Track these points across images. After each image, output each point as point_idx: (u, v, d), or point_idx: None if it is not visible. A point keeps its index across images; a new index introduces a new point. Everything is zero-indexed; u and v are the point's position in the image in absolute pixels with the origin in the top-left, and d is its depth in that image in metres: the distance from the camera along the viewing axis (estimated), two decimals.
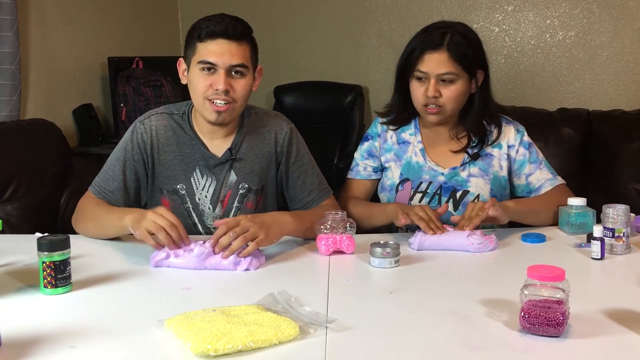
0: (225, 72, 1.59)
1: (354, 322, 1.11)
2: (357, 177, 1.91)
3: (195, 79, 1.62)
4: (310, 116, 3.55)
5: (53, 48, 2.96)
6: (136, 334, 1.08)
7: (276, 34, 3.77)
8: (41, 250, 1.26)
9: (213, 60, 1.58)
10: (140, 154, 1.71)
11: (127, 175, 1.71)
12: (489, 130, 1.83)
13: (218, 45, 1.58)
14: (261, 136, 1.74)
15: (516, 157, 1.83)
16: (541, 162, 1.84)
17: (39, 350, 1.01)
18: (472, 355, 0.98)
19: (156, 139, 1.71)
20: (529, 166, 1.82)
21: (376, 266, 1.42)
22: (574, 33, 3.36)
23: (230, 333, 1.01)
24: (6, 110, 2.59)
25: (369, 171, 1.90)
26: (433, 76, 1.71)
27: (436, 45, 1.70)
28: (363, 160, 1.91)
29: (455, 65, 1.71)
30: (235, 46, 1.59)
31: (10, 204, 2.33)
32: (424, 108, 1.76)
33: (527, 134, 1.87)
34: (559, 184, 1.82)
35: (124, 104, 3.20)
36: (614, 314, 1.12)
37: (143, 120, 1.73)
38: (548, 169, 1.84)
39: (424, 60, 1.71)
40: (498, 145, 1.83)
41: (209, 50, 1.58)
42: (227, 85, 1.59)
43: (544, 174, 1.82)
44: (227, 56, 1.58)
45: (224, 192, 1.72)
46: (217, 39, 1.58)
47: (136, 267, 1.44)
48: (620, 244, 1.48)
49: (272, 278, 1.37)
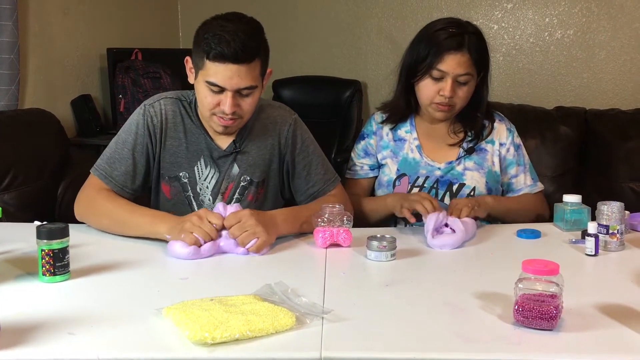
0: (232, 94, 1.54)
1: (350, 313, 1.12)
2: (355, 177, 1.94)
3: (202, 93, 1.58)
4: (309, 110, 3.54)
5: (52, 38, 2.96)
6: (134, 322, 1.09)
7: (275, 27, 3.76)
8: (40, 238, 1.27)
9: (221, 84, 1.53)
10: (150, 136, 1.67)
11: (137, 158, 1.67)
12: (484, 126, 1.85)
13: (227, 70, 1.51)
14: (265, 128, 1.73)
15: (506, 156, 1.87)
16: (526, 165, 1.90)
17: (38, 337, 1.02)
18: (466, 347, 1.00)
19: (165, 123, 1.68)
20: (516, 168, 1.88)
21: (372, 259, 1.43)
22: (573, 32, 3.37)
23: (228, 322, 1.02)
24: (4, 99, 2.59)
25: (365, 170, 1.92)
26: (451, 76, 1.72)
27: (458, 46, 1.71)
28: (360, 160, 1.93)
29: (472, 67, 1.73)
30: (244, 69, 1.52)
31: (8, 193, 2.34)
32: (434, 105, 1.77)
33: (519, 133, 1.91)
34: (537, 191, 1.90)
35: (123, 95, 3.20)
36: (607, 308, 1.13)
37: (153, 104, 1.69)
38: (531, 173, 1.91)
39: (445, 60, 1.71)
40: (491, 141, 1.85)
41: (216, 72, 1.51)
42: (234, 108, 1.56)
43: (526, 179, 1.89)
44: (236, 80, 1.52)
45: (226, 184, 1.72)
46: (226, 63, 1.50)
47: (135, 257, 1.45)
48: (614, 240, 1.50)
49: (269, 269, 1.38)
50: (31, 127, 2.50)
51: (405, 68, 1.81)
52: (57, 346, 1.00)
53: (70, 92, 3.10)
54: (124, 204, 1.62)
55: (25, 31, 2.74)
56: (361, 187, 1.93)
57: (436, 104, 1.76)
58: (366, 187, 1.93)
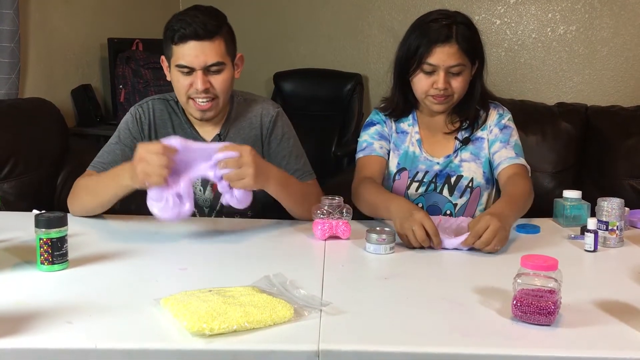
0: (202, 72, 1.62)
1: (348, 306, 1.12)
2: (372, 154, 1.81)
3: (176, 79, 1.66)
4: (310, 103, 3.55)
5: (53, 27, 2.95)
6: (132, 311, 1.09)
7: (277, 20, 3.76)
8: (38, 227, 1.27)
9: (188, 64, 1.61)
10: (139, 132, 1.75)
11: (126, 151, 1.71)
12: (479, 115, 1.84)
13: (191, 49, 1.60)
14: (249, 121, 1.78)
15: (489, 137, 1.83)
16: (510, 143, 1.78)
17: (36, 325, 1.02)
18: (463, 341, 1.00)
19: (153, 121, 1.77)
20: (498, 144, 1.79)
21: (371, 252, 1.43)
22: (575, 28, 3.36)
23: (226, 313, 1.02)
24: (5, 88, 2.59)
25: (384, 150, 1.84)
26: (443, 69, 1.71)
27: (445, 38, 1.69)
28: (377, 140, 1.84)
29: (463, 57, 1.71)
30: (208, 45, 1.60)
31: (8, 182, 2.34)
32: (430, 98, 1.76)
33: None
34: (516, 163, 1.73)
35: (123, 85, 3.19)
36: (605, 305, 1.14)
37: (141, 104, 1.79)
38: (514, 149, 1.77)
39: (434, 53, 1.70)
40: (484, 128, 1.84)
41: (183, 53, 1.60)
42: (206, 84, 1.62)
43: (507, 152, 1.76)
44: (202, 57, 1.60)
45: None
46: (188, 42, 1.59)
47: (133, 247, 1.45)
48: (613, 237, 1.50)
49: (267, 261, 1.38)
50: (31, 117, 2.50)
51: (398, 63, 1.80)
52: (55, 335, 1.00)
53: (70, 82, 3.09)
54: (95, 174, 1.67)
55: (26, 20, 2.74)
56: (379, 165, 1.80)
57: (432, 96, 1.75)
58: (382, 166, 1.81)
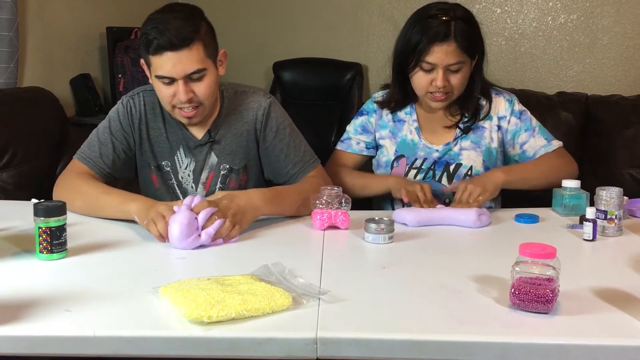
0: (183, 82, 1.55)
1: (347, 294, 1.12)
2: (348, 150, 1.93)
3: (158, 89, 1.60)
4: (309, 93, 3.54)
5: (51, 16, 2.93)
6: (131, 299, 1.10)
7: (276, 9, 3.74)
8: (37, 216, 1.27)
9: (167, 74, 1.54)
10: (130, 125, 1.72)
11: (115, 143, 1.70)
12: (481, 106, 1.84)
13: (168, 60, 1.52)
14: (240, 115, 1.72)
15: (508, 128, 1.83)
16: (535, 128, 1.84)
17: (34, 313, 1.03)
18: (461, 329, 1.00)
19: (144, 114, 1.72)
20: (523, 134, 1.83)
21: (370, 242, 1.44)
22: (576, 16, 3.34)
23: (224, 301, 1.02)
24: (3, 77, 2.58)
25: (361, 146, 1.91)
26: (441, 67, 1.70)
27: (444, 37, 1.68)
28: (356, 135, 1.92)
29: (462, 54, 1.71)
30: (185, 54, 1.52)
31: (6, 171, 2.33)
32: (429, 95, 1.76)
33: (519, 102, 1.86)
34: (554, 149, 1.83)
35: (122, 75, 3.18)
36: (603, 293, 1.14)
37: (132, 96, 1.74)
38: (542, 134, 1.84)
39: (432, 52, 1.69)
40: (489, 117, 1.84)
41: (161, 64, 1.53)
42: (189, 94, 1.56)
43: (538, 141, 1.83)
44: (179, 67, 1.53)
45: (206, 173, 1.73)
46: (165, 53, 1.52)
47: (132, 236, 1.45)
48: (612, 226, 1.50)
49: (266, 250, 1.38)
50: (30, 106, 2.49)
51: (397, 58, 1.79)
52: (54, 322, 1.00)
53: (69, 71, 3.08)
54: (99, 186, 1.64)
55: (24, 8, 2.72)
56: (352, 161, 1.93)
57: (431, 93, 1.75)
58: (357, 162, 1.93)
